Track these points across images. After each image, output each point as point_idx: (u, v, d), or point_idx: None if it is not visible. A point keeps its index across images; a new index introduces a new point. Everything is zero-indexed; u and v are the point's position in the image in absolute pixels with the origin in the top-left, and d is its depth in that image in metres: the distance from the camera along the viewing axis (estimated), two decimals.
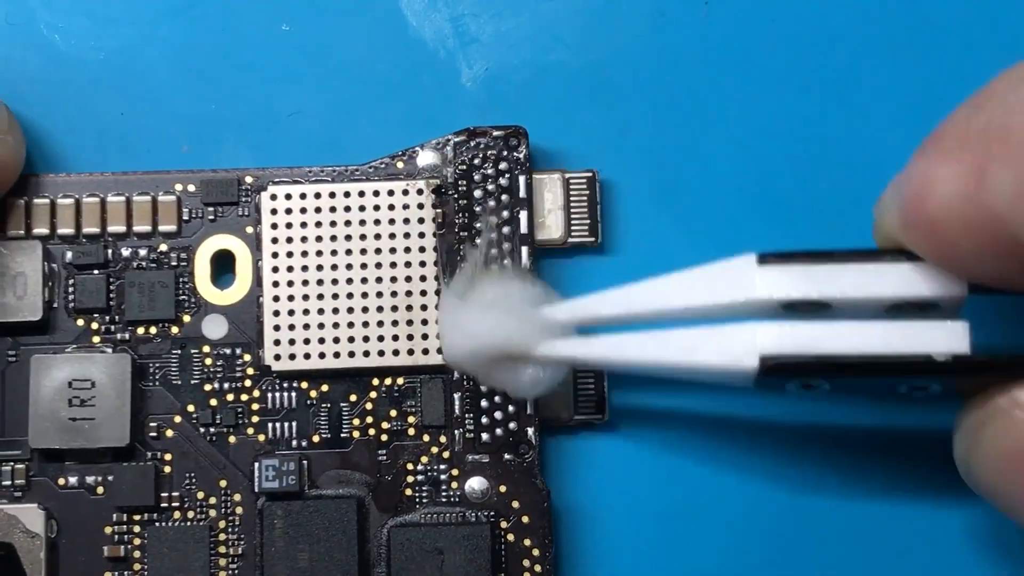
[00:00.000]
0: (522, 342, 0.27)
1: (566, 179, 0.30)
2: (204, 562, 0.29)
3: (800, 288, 0.24)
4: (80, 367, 0.29)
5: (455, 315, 0.27)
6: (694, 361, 0.25)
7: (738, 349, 0.24)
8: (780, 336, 0.24)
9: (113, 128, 0.30)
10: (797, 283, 0.24)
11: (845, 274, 0.24)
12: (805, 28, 0.31)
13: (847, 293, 0.24)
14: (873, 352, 0.24)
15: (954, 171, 0.21)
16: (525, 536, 0.29)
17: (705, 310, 0.25)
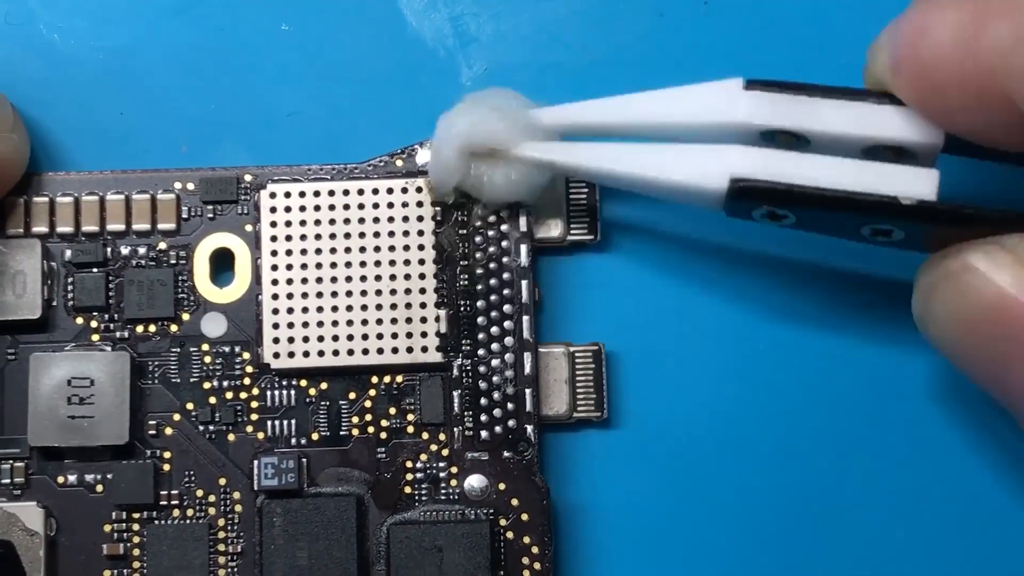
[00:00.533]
0: (504, 137, 0.27)
1: (565, 179, 0.30)
2: (203, 560, 0.29)
3: (782, 116, 0.24)
4: (79, 365, 0.29)
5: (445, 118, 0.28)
6: (668, 177, 0.25)
7: (711, 168, 0.24)
8: (752, 160, 0.24)
9: (112, 127, 0.31)
10: (780, 111, 0.24)
11: (828, 109, 0.24)
12: (804, 28, 0.31)
13: (827, 128, 0.24)
14: (841, 187, 0.24)
15: (952, 18, 0.22)
16: (524, 534, 0.29)
17: (688, 127, 0.25)
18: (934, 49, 0.22)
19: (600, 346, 0.30)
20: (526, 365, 0.29)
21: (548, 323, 0.30)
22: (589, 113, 0.27)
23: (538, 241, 0.30)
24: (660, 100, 0.26)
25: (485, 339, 0.29)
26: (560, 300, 0.30)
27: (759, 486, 0.30)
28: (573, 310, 0.30)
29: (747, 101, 0.25)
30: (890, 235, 0.24)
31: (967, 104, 0.22)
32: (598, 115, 0.27)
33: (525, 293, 0.29)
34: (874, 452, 0.30)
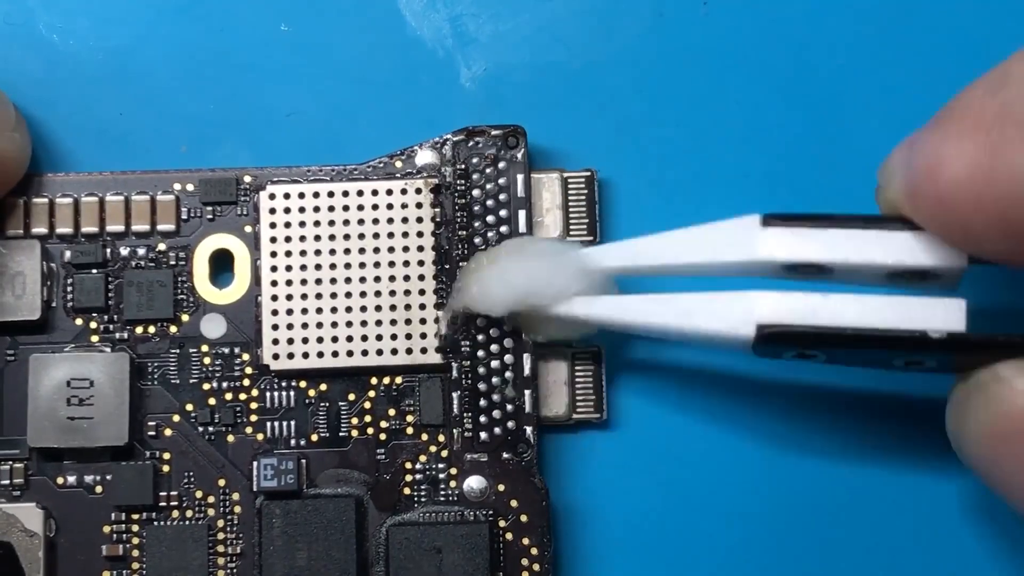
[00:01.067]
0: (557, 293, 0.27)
1: (564, 178, 0.30)
2: (203, 561, 0.29)
3: (802, 251, 0.24)
4: (79, 366, 0.29)
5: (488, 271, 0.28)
6: (693, 326, 0.25)
7: (736, 317, 0.25)
8: (777, 305, 0.24)
9: (112, 128, 0.31)
10: (799, 246, 0.24)
11: (847, 239, 0.24)
12: (803, 28, 0.31)
13: (848, 259, 0.24)
14: (869, 326, 0.24)
15: (969, 149, 0.21)
16: (523, 535, 0.29)
17: (709, 267, 0.26)
18: (952, 180, 0.22)
19: (600, 347, 0.30)
20: (525, 366, 0.29)
21: None
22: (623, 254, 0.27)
23: None
24: (680, 242, 0.26)
25: (484, 340, 0.29)
26: None
27: (758, 488, 0.30)
28: None
29: (766, 238, 0.25)
30: (922, 364, 0.25)
31: (991, 233, 0.22)
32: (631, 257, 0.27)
33: None
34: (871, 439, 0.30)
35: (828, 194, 0.31)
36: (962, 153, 0.22)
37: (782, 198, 0.31)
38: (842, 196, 0.31)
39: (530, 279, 0.27)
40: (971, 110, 0.22)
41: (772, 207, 0.30)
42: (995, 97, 0.21)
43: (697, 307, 0.25)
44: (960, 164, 0.22)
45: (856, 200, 0.30)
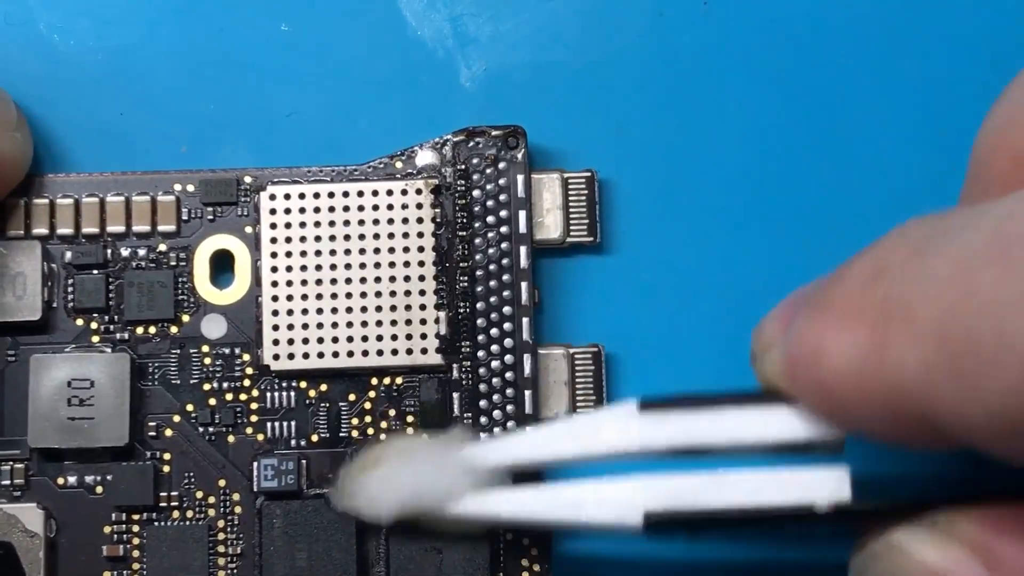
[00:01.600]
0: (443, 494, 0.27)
1: (565, 179, 0.30)
2: (203, 561, 0.29)
3: (679, 435, 0.24)
4: (79, 367, 0.29)
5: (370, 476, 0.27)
6: (582, 517, 0.25)
7: (622, 507, 0.25)
8: (663, 490, 0.24)
9: (112, 128, 0.30)
10: (676, 430, 0.24)
11: (725, 420, 0.24)
12: (804, 28, 0.31)
13: (727, 441, 0.24)
14: (755, 503, 0.24)
15: (851, 342, 0.21)
16: (524, 535, 0.29)
17: (595, 456, 0.25)
18: (835, 371, 0.21)
19: (600, 348, 0.30)
20: (525, 367, 0.29)
21: (547, 325, 0.30)
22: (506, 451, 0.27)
23: (538, 243, 0.30)
24: (563, 434, 0.26)
25: (484, 340, 0.29)
26: (560, 302, 0.30)
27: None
28: (573, 312, 0.30)
29: (642, 426, 0.25)
30: (814, 532, 0.25)
31: (877, 420, 0.21)
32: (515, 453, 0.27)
33: (524, 295, 0.29)
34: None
35: (828, 194, 0.31)
36: (845, 345, 0.21)
37: (782, 198, 0.31)
38: (842, 196, 0.31)
39: (415, 482, 0.27)
40: (852, 297, 0.21)
41: (771, 206, 0.30)
42: (875, 287, 0.21)
43: (584, 498, 0.25)
44: (843, 355, 0.21)
45: (856, 200, 0.30)
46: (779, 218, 0.31)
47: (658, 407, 0.24)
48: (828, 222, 0.31)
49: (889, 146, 0.31)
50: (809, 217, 0.31)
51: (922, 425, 0.20)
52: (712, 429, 0.24)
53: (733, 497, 0.24)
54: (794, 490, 0.24)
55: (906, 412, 0.20)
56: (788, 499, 0.24)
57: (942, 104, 0.31)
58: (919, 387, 0.19)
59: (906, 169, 0.31)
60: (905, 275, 0.20)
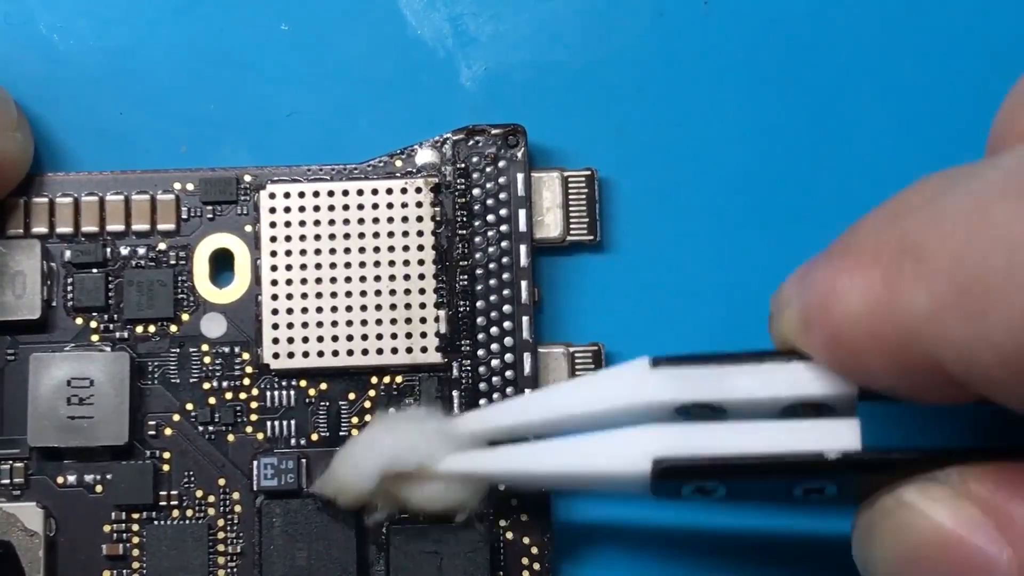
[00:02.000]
0: (427, 455, 0.26)
1: (565, 177, 0.30)
2: (203, 561, 0.29)
3: (692, 390, 0.24)
4: (79, 366, 0.29)
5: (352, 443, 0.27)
6: (589, 468, 0.25)
7: (630, 453, 0.24)
8: (672, 438, 0.24)
9: (112, 127, 0.31)
10: (689, 385, 0.24)
11: (738, 376, 0.24)
12: (804, 28, 0.31)
13: (739, 395, 0.24)
14: (765, 452, 0.23)
15: (864, 283, 0.20)
16: (524, 534, 0.29)
17: (603, 415, 0.25)
18: (846, 314, 0.21)
19: (600, 346, 0.30)
20: (525, 365, 0.29)
21: (548, 323, 0.30)
22: (503, 416, 0.26)
23: (538, 241, 0.30)
24: (569, 392, 0.26)
25: (485, 339, 0.29)
26: (560, 300, 0.30)
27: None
28: (573, 310, 0.30)
29: (655, 380, 0.24)
30: (823, 491, 0.24)
31: (887, 367, 0.21)
32: (512, 416, 0.26)
33: (524, 293, 0.29)
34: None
35: (828, 193, 0.31)
36: (858, 286, 0.21)
37: (782, 197, 0.31)
38: (842, 195, 0.31)
39: (396, 444, 0.26)
40: (868, 242, 0.21)
41: (771, 206, 0.30)
42: (891, 229, 0.20)
43: (591, 448, 0.25)
44: (855, 298, 0.21)
45: (856, 199, 0.30)
46: (779, 217, 0.31)
47: (671, 363, 0.24)
48: (828, 222, 0.30)
49: (889, 146, 0.31)
50: (809, 216, 0.31)
51: (931, 371, 0.20)
52: (724, 385, 0.24)
53: (744, 444, 0.23)
54: (804, 440, 0.23)
55: (915, 356, 0.20)
56: (799, 447, 0.23)
57: (942, 104, 0.31)
58: (928, 327, 0.19)
59: (906, 169, 0.30)
60: (921, 216, 0.20)
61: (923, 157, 0.31)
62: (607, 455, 0.24)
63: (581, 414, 0.25)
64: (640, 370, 0.24)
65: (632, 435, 0.24)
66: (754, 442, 0.23)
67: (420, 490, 0.27)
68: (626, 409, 0.24)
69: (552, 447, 0.25)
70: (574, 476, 0.25)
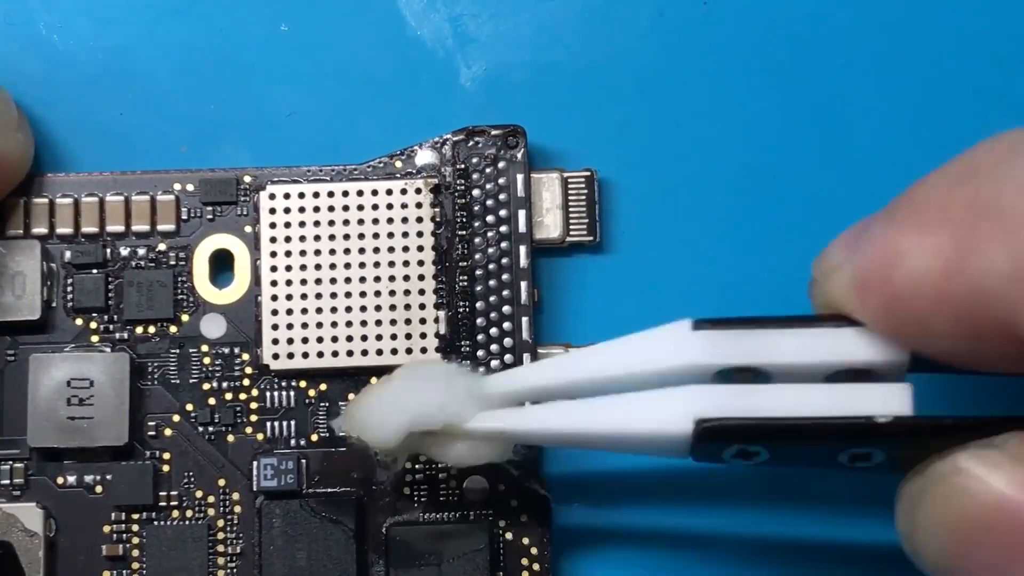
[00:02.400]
0: (455, 413, 0.26)
1: (564, 178, 0.30)
2: (202, 561, 0.29)
3: (736, 354, 0.23)
4: (79, 366, 0.29)
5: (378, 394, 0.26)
6: (628, 427, 0.24)
7: (672, 413, 0.23)
8: (714, 399, 0.23)
9: (112, 128, 0.31)
10: (733, 348, 0.23)
11: (783, 340, 0.23)
12: (804, 28, 0.31)
13: (784, 359, 0.23)
14: (812, 414, 0.22)
15: (933, 245, 0.20)
16: (523, 535, 0.29)
17: (641, 377, 0.24)
18: (911, 277, 0.20)
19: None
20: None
21: (547, 324, 0.30)
22: (536, 376, 0.26)
23: (537, 242, 0.30)
24: (608, 353, 0.25)
25: (484, 340, 0.29)
26: (559, 301, 0.30)
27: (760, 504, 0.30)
28: (572, 311, 0.30)
29: (697, 342, 0.23)
30: (869, 458, 0.23)
31: (954, 332, 0.20)
32: (546, 376, 0.25)
33: (524, 294, 0.29)
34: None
35: (828, 193, 0.31)
36: (925, 247, 0.20)
37: (782, 198, 0.31)
38: (842, 195, 0.31)
39: (423, 402, 0.26)
40: (936, 201, 0.20)
41: (771, 206, 0.30)
42: (962, 189, 0.20)
43: (627, 408, 0.24)
44: (922, 259, 0.20)
45: (856, 199, 0.30)
46: (779, 218, 0.31)
47: (713, 325, 0.23)
48: (828, 222, 0.30)
49: (889, 146, 0.31)
50: (809, 216, 0.31)
51: (1003, 334, 0.19)
52: (768, 348, 0.23)
53: (790, 407, 0.22)
54: (854, 403, 0.22)
55: (987, 320, 0.19)
56: (847, 411, 0.22)
57: (942, 104, 0.31)
58: (1005, 290, 0.18)
59: (906, 169, 0.30)
60: (997, 174, 0.19)
61: (924, 157, 0.30)
62: (648, 414, 0.23)
63: (619, 375, 0.24)
64: (682, 332, 0.24)
65: (674, 394, 0.23)
66: (801, 404, 0.22)
67: (446, 447, 0.26)
68: (666, 372, 0.24)
69: (590, 406, 0.24)
70: (613, 435, 0.24)
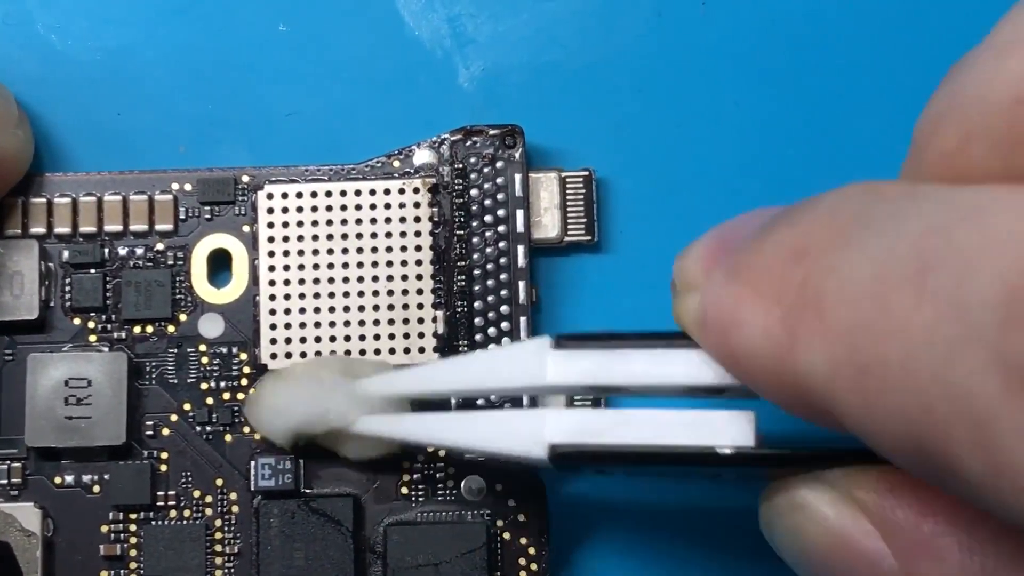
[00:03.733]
0: (337, 418, 0.27)
1: (562, 178, 0.30)
2: (200, 561, 0.29)
3: (592, 374, 0.24)
4: (76, 366, 0.29)
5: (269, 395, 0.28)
6: (489, 447, 0.25)
7: (528, 438, 0.24)
8: (568, 424, 0.24)
9: (110, 127, 0.31)
10: (590, 368, 0.24)
11: (638, 360, 0.24)
12: (802, 28, 0.31)
13: (638, 380, 0.24)
14: (660, 441, 0.23)
15: (766, 323, 0.20)
16: (521, 534, 0.29)
17: (504, 390, 0.26)
18: (746, 347, 0.20)
19: None
20: None
21: (545, 324, 0.30)
22: (410, 382, 0.27)
23: (535, 242, 0.30)
24: (474, 366, 0.26)
25: (482, 340, 0.29)
26: (557, 301, 0.30)
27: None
28: (570, 311, 0.30)
29: (555, 361, 0.24)
30: (721, 475, 0.24)
31: (780, 399, 0.20)
32: (419, 383, 0.27)
33: (522, 294, 0.29)
34: None
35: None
36: (758, 323, 0.20)
37: (781, 198, 0.30)
38: None
39: (307, 408, 0.28)
40: (771, 274, 0.20)
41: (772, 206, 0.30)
42: (795, 269, 0.20)
43: (491, 428, 0.25)
44: (755, 335, 0.20)
45: None
46: None
47: (573, 342, 0.24)
48: None
49: (889, 146, 0.31)
50: None
51: (827, 418, 0.19)
52: (625, 369, 0.24)
53: (639, 435, 0.23)
54: (699, 432, 0.23)
55: (811, 404, 0.19)
56: (692, 440, 0.23)
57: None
58: (825, 388, 0.19)
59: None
60: (824, 265, 0.19)
61: None
62: (508, 436, 0.25)
63: (484, 389, 0.26)
64: (541, 350, 0.24)
65: (530, 418, 0.25)
66: (649, 431, 0.23)
67: (336, 443, 0.28)
68: (525, 388, 0.25)
69: (457, 421, 0.27)
70: (478, 451, 0.26)
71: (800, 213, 0.21)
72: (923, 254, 0.18)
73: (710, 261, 0.23)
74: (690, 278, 0.23)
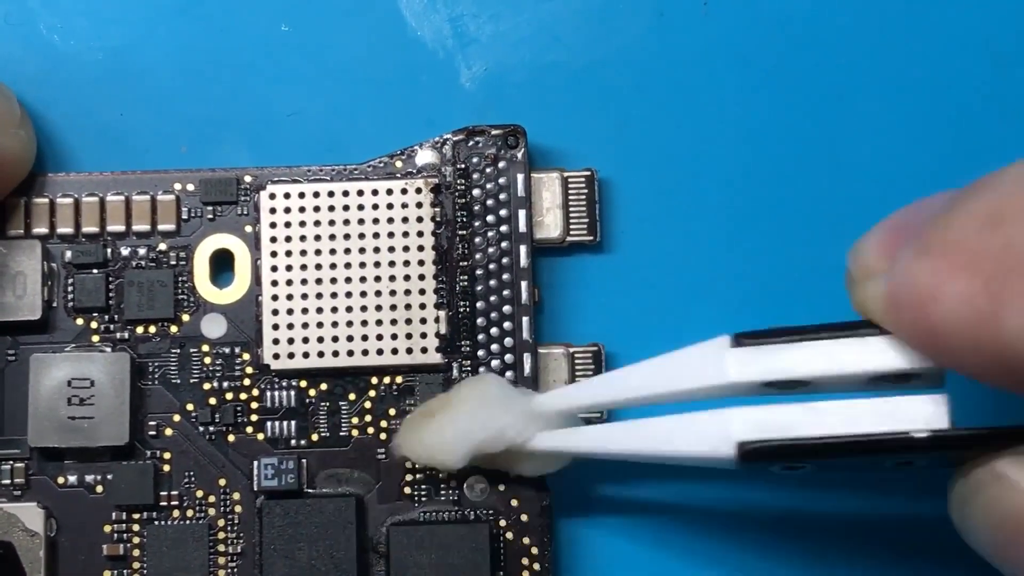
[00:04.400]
0: (515, 436, 0.27)
1: (564, 178, 0.30)
2: (203, 561, 0.29)
3: (775, 370, 0.24)
4: (79, 366, 0.29)
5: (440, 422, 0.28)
6: (673, 450, 0.25)
7: (715, 437, 0.24)
8: (756, 421, 0.24)
9: (112, 128, 0.31)
10: (771, 364, 0.24)
11: (821, 352, 0.23)
12: (803, 28, 0.31)
13: (824, 372, 0.23)
14: (851, 432, 0.23)
15: (967, 292, 0.20)
16: (524, 535, 0.29)
17: (684, 394, 0.25)
18: (947, 317, 0.20)
19: (600, 347, 0.30)
20: (525, 366, 0.29)
21: (547, 324, 0.30)
22: (585, 395, 0.27)
23: (537, 242, 0.30)
24: (651, 372, 0.26)
25: (485, 340, 0.29)
26: (560, 301, 0.30)
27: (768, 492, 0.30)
28: (573, 311, 0.30)
29: (736, 359, 0.24)
30: (912, 464, 0.24)
31: (987, 372, 0.20)
32: (595, 395, 0.27)
33: (524, 294, 0.29)
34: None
35: (828, 193, 0.31)
36: (959, 292, 0.20)
37: (782, 197, 0.31)
38: (842, 195, 0.31)
39: (486, 428, 0.27)
40: (967, 245, 0.20)
41: (771, 206, 0.30)
42: (994, 236, 0.20)
43: (674, 431, 0.25)
44: (957, 306, 0.20)
45: (856, 199, 0.30)
46: (779, 217, 0.31)
47: (752, 339, 0.24)
48: (828, 221, 0.31)
49: (889, 146, 0.31)
50: (809, 216, 0.31)
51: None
52: (808, 361, 0.23)
53: (830, 426, 0.23)
54: (892, 419, 0.23)
55: (1017, 371, 0.19)
56: (886, 427, 0.23)
57: (942, 104, 0.31)
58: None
59: (906, 169, 0.31)
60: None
61: (924, 157, 0.31)
62: (692, 437, 0.24)
63: (663, 394, 0.25)
64: (720, 350, 0.24)
65: (716, 418, 0.24)
66: (842, 421, 0.23)
67: (509, 462, 0.28)
68: (707, 388, 0.25)
69: (638, 428, 0.26)
70: (660, 456, 0.25)
71: (987, 186, 0.20)
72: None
73: (892, 245, 0.22)
74: (867, 264, 0.23)
